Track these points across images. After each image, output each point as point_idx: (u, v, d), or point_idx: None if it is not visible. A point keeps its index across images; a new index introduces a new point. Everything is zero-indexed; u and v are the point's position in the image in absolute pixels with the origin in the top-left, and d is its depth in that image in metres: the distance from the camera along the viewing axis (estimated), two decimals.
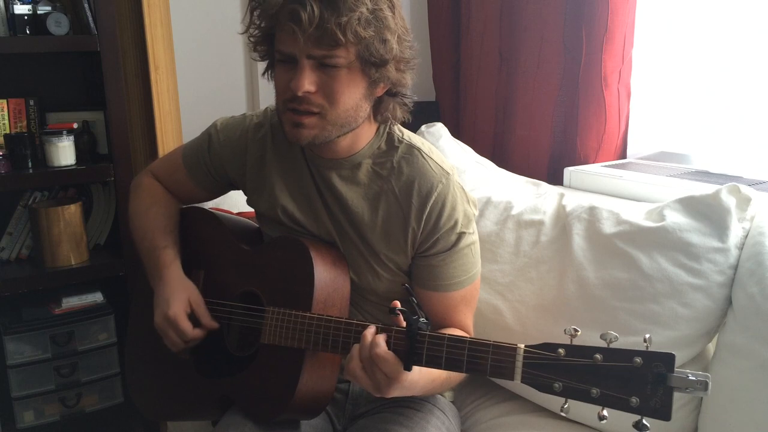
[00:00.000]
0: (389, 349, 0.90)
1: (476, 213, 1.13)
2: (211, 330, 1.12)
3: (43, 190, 1.85)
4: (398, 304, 0.92)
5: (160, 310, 1.10)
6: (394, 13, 0.98)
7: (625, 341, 1.10)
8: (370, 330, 0.93)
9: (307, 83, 0.95)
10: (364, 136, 1.08)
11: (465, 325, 1.14)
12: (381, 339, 0.90)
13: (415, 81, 1.07)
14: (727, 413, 1.08)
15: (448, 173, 1.08)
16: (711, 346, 1.20)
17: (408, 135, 1.12)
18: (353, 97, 0.99)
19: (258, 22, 1.00)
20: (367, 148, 1.09)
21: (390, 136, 1.11)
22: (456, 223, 1.07)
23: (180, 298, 1.11)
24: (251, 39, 1.03)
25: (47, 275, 1.74)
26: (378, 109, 1.06)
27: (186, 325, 1.09)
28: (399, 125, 1.12)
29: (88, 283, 1.89)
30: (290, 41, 0.95)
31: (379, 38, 0.95)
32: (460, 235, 1.08)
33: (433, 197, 1.06)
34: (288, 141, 1.05)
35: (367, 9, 0.93)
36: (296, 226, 1.14)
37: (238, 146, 1.19)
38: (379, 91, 1.03)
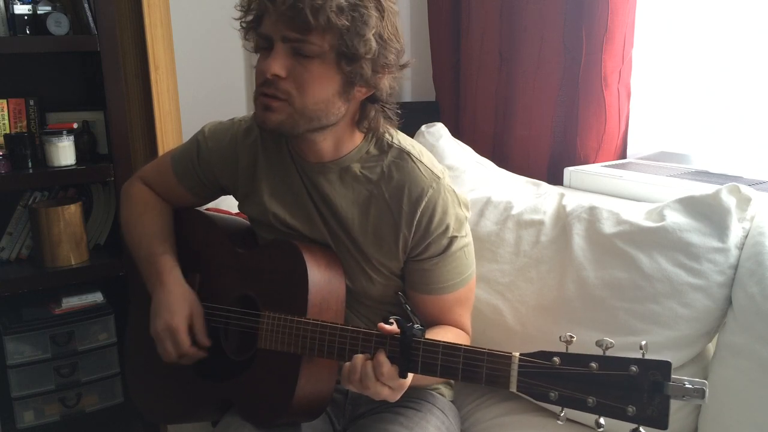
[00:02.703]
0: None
1: (468, 215, 1.12)
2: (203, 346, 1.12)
3: (43, 190, 1.85)
4: (384, 326, 0.91)
5: (162, 319, 1.09)
6: (382, 15, 0.96)
7: (625, 341, 1.11)
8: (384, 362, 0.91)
9: (277, 66, 0.95)
10: (350, 140, 1.07)
11: (461, 324, 1.14)
12: (391, 368, 0.90)
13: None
14: (727, 413, 1.08)
15: (438, 177, 1.07)
16: (711, 346, 1.20)
17: (398, 138, 1.11)
18: (324, 90, 0.97)
19: (246, 6, 1.01)
20: (355, 152, 1.08)
21: (380, 140, 1.09)
22: (447, 227, 1.06)
23: (183, 309, 1.10)
24: (242, 24, 1.03)
25: (47, 275, 1.74)
26: (361, 116, 1.05)
27: (185, 339, 1.09)
28: (390, 128, 1.10)
29: (88, 283, 1.89)
30: (267, 21, 0.96)
31: (356, 31, 0.93)
32: (452, 239, 1.07)
33: (423, 203, 1.05)
34: (260, 128, 1.03)
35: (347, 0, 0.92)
36: (290, 230, 1.13)
37: (228, 153, 1.18)
38: (358, 94, 1.01)
